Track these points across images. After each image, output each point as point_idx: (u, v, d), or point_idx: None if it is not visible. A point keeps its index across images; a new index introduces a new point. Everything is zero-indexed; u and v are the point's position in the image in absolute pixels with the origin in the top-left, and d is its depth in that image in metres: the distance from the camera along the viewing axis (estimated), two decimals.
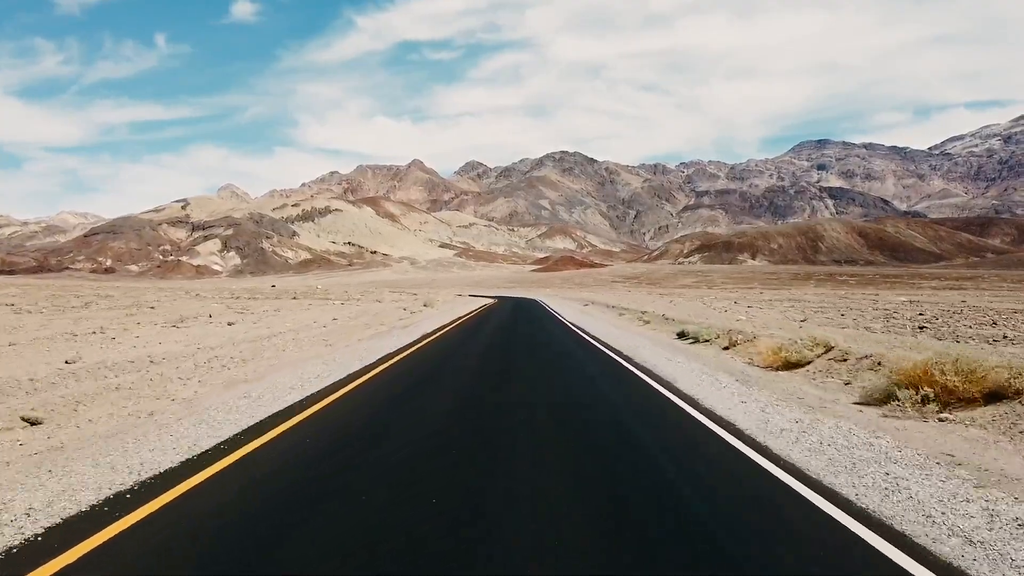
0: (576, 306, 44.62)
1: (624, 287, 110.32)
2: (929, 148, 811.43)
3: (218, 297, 49.53)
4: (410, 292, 77.63)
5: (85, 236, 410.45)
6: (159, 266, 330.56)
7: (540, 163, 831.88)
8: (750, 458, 6.10)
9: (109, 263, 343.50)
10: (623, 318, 29.91)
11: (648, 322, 25.44)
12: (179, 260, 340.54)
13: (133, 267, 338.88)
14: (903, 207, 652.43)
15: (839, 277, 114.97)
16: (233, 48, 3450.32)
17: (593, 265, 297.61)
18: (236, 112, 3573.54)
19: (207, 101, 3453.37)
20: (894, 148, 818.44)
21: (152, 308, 33.13)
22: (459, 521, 4.45)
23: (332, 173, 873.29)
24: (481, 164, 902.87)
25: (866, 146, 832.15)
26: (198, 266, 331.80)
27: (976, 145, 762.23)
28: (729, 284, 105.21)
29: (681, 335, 18.90)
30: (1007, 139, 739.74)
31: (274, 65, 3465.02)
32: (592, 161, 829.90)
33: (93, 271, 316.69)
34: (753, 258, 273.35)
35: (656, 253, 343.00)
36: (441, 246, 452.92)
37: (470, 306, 44.69)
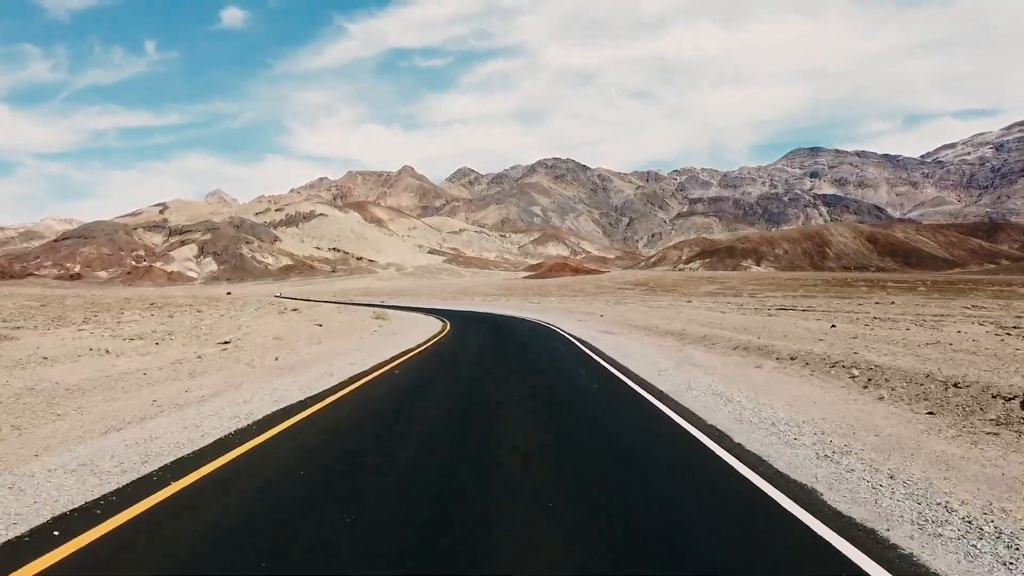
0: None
1: (636, 294, 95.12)
2: (921, 156, 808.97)
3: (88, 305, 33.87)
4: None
5: (55, 241, 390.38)
6: (129, 272, 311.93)
7: (532, 170, 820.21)
8: None
9: (77, 269, 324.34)
10: None
11: None
12: (151, 266, 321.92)
13: (102, 273, 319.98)
14: (896, 214, 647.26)
15: (887, 284, 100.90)
16: (224, 55, 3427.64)
17: (589, 271, 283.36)
18: (227, 119, 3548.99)
19: (197, 108, 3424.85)
20: (886, 156, 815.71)
21: None
22: None
23: (322, 179, 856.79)
24: (472, 171, 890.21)
25: (859, 154, 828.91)
26: (171, 272, 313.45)
27: (968, 153, 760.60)
28: (761, 292, 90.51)
29: None
30: (999, 147, 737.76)
31: (265, 72, 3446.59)
32: (584, 168, 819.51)
33: (58, 278, 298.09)
34: (758, 264, 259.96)
35: (653, 259, 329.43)
36: (430, 252, 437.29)
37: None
